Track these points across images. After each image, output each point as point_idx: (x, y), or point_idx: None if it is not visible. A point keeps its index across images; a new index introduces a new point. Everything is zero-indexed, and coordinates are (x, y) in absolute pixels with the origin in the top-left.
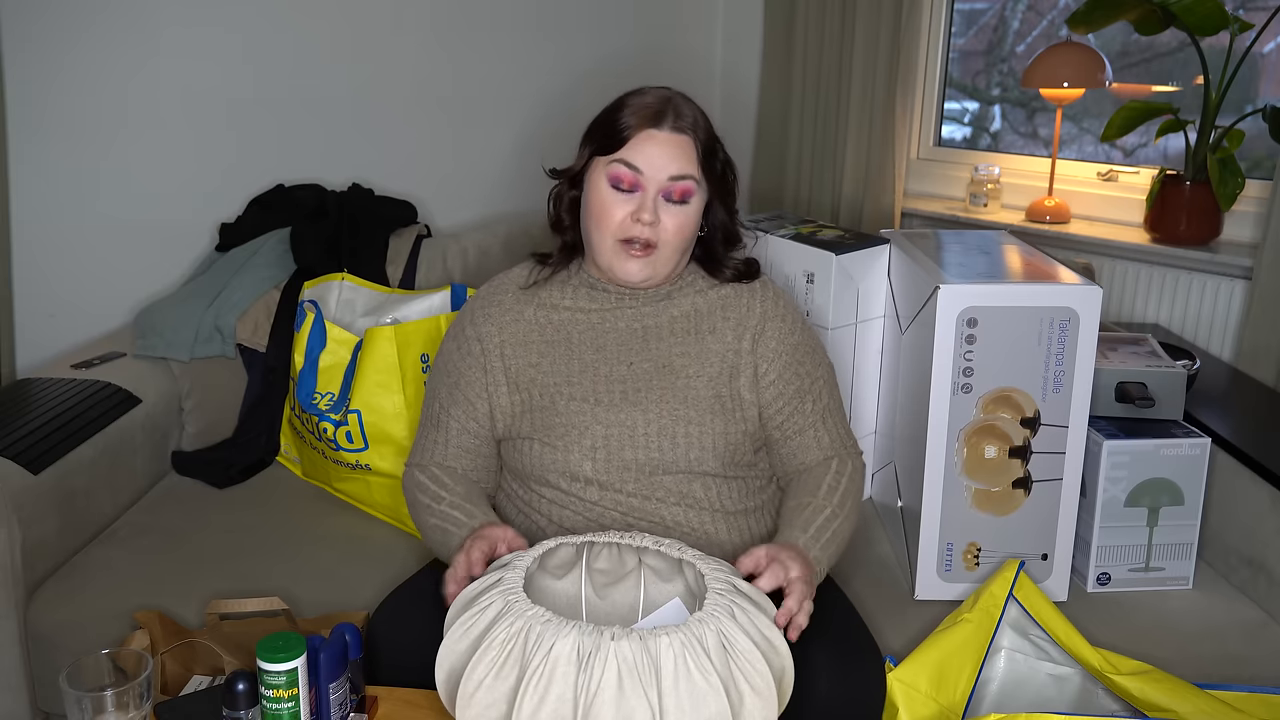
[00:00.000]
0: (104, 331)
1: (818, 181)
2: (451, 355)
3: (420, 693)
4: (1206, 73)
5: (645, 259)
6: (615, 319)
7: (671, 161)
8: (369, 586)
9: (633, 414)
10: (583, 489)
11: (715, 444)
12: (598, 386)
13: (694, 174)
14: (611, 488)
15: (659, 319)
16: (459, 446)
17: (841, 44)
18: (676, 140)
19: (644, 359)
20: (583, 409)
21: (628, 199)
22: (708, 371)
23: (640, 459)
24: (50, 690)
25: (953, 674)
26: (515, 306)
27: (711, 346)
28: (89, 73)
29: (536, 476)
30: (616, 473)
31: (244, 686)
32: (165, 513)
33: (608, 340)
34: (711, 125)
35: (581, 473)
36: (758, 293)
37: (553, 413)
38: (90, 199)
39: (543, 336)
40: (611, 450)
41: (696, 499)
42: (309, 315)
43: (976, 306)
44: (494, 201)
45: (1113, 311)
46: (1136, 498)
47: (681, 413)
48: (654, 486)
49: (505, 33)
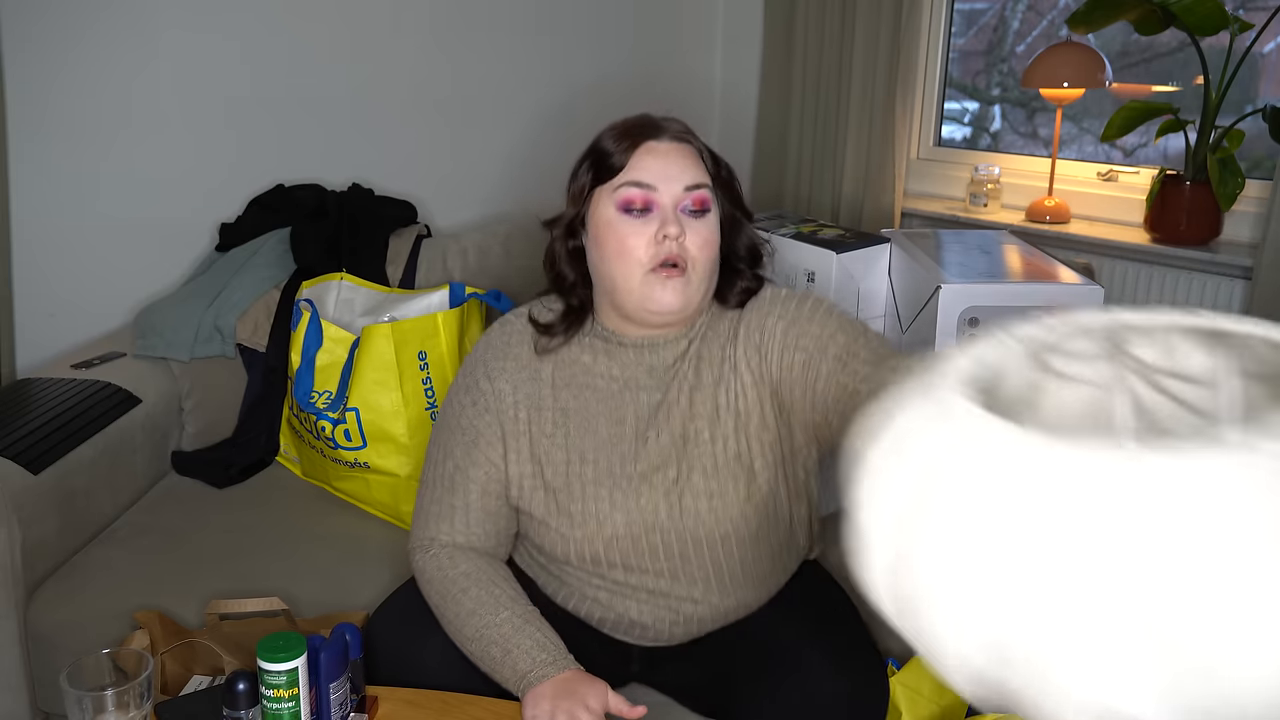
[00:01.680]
0: (104, 331)
1: (818, 181)
2: (465, 410)
3: (421, 693)
4: (1206, 73)
5: (679, 281)
6: (635, 388)
7: (683, 171)
8: (369, 586)
9: (654, 497)
10: (606, 569)
11: (743, 510)
12: (613, 467)
13: (707, 181)
14: (638, 569)
15: (682, 384)
16: (482, 511)
17: (841, 44)
18: (679, 149)
19: (663, 431)
20: (600, 494)
21: (644, 223)
22: (722, 432)
23: (666, 540)
24: (50, 690)
25: None
26: (531, 363)
27: (722, 399)
28: (89, 72)
29: (557, 558)
30: (645, 556)
31: (244, 686)
32: (165, 513)
33: (626, 413)
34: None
35: (606, 558)
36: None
37: (568, 497)
38: (90, 199)
39: (558, 403)
40: (635, 537)
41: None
42: (305, 314)
43: (978, 306)
44: (494, 201)
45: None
46: None
47: (703, 486)
48: (679, 567)
49: (505, 33)
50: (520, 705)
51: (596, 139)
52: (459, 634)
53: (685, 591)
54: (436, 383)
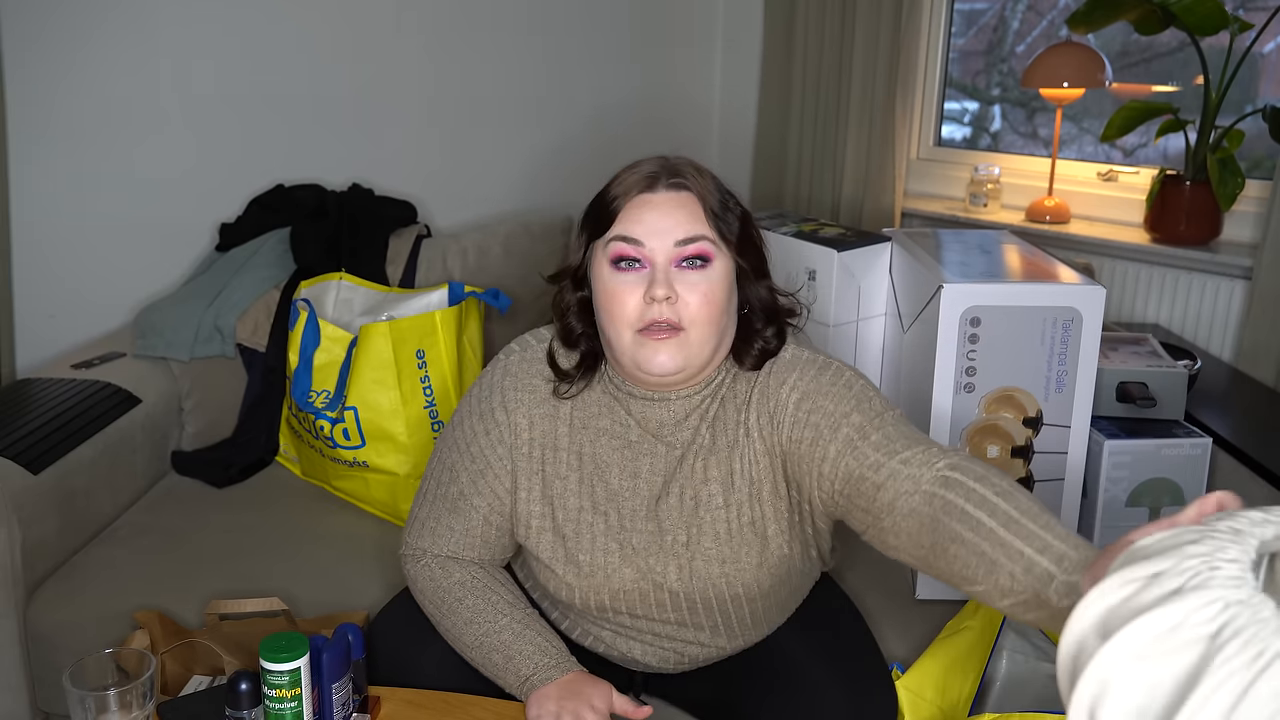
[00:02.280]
0: (104, 331)
1: (818, 181)
2: (478, 437)
3: (423, 693)
4: (1206, 73)
5: (673, 341)
6: (651, 442)
7: (676, 224)
8: (369, 586)
9: (664, 560)
10: (612, 615)
11: (756, 575)
12: (624, 522)
13: (705, 234)
14: (645, 616)
15: (698, 444)
16: (481, 539)
17: (841, 44)
18: (676, 199)
19: (675, 492)
20: (610, 547)
21: (637, 279)
22: (736, 499)
23: (675, 598)
24: (50, 690)
25: (956, 681)
26: (550, 399)
27: (736, 465)
28: (90, 73)
29: (561, 601)
30: (652, 608)
31: (247, 686)
32: (165, 513)
33: (641, 466)
34: (721, 183)
35: (612, 606)
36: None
37: (577, 545)
38: (90, 199)
39: (574, 445)
40: (643, 592)
41: (741, 617)
42: (302, 314)
43: (979, 306)
44: (494, 201)
45: (1113, 311)
46: (1138, 497)
47: (715, 551)
48: (692, 612)
49: (505, 34)
50: (524, 706)
51: (612, 179)
52: (458, 642)
53: (692, 636)
54: (435, 381)
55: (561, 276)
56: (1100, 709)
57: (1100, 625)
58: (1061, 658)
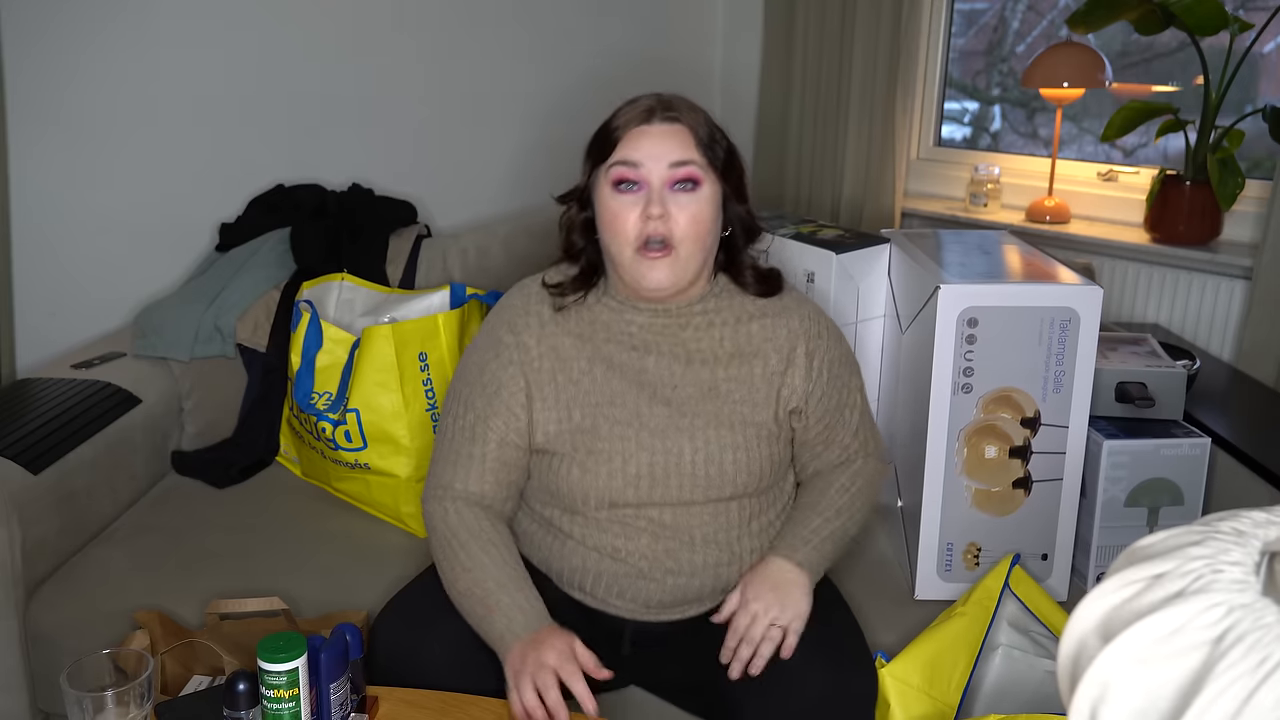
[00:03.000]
0: (104, 331)
1: (818, 181)
2: (488, 363)
3: (421, 693)
4: (1206, 73)
5: (665, 260)
6: (658, 340)
7: (669, 150)
8: (369, 586)
9: (679, 440)
10: (618, 512)
11: (762, 468)
12: (641, 409)
13: (695, 159)
14: (648, 514)
15: (701, 343)
16: (499, 461)
17: (841, 44)
18: (669, 130)
19: (688, 382)
20: (627, 434)
21: (635, 199)
22: (754, 397)
23: (685, 486)
24: (50, 690)
25: (946, 668)
26: (553, 319)
27: (757, 371)
28: (89, 72)
29: (568, 501)
30: (657, 504)
31: (245, 687)
32: (165, 513)
33: (649, 362)
34: (711, 118)
35: (623, 499)
36: (794, 310)
37: (595, 436)
38: (90, 199)
39: (582, 353)
40: (656, 478)
41: (730, 517)
42: (304, 315)
43: (977, 306)
44: (494, 201)
45: (1113, 311)
46: (1136, 498)
47: (729, 439)
48: (691, 512)
49: (506, 33)
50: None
51: (612, 113)
52: (452, 588)
53: (685, 527)
54: (437, 384)
55: (570, 196)
56: (1101, 711)
57: (1101, 627)
58: (1062, 659)
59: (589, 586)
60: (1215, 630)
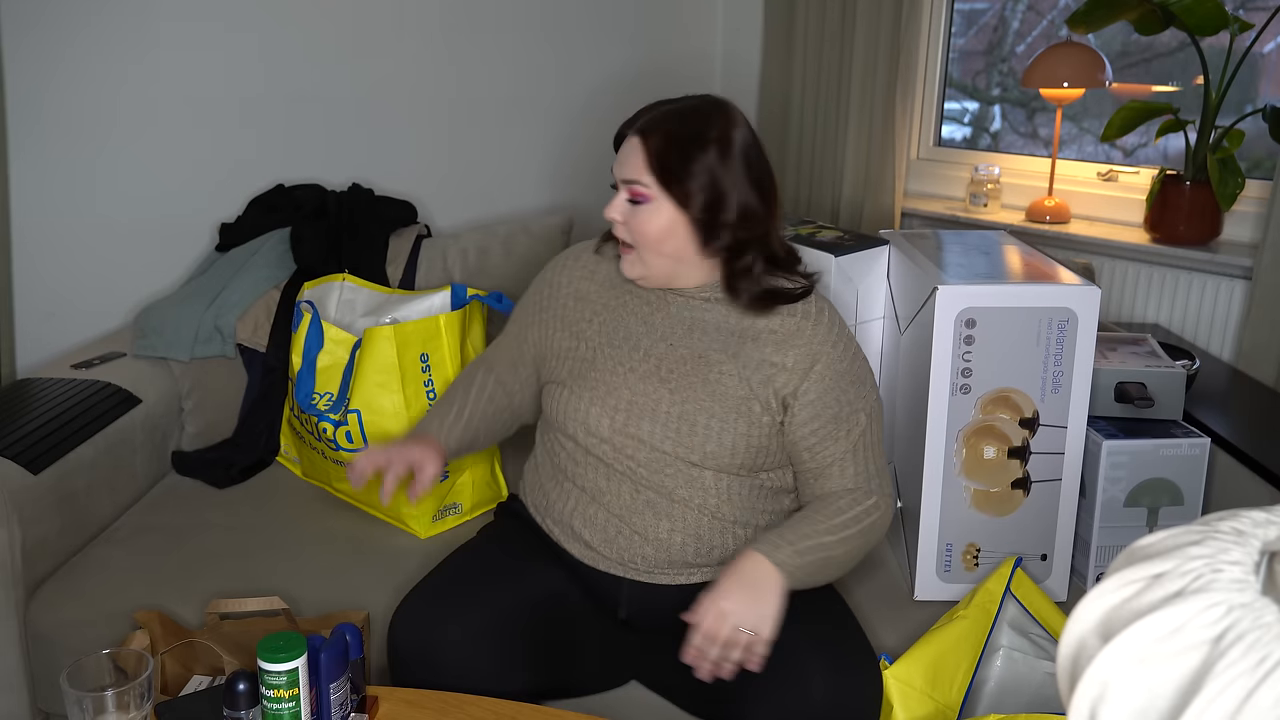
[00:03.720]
0: (104, 331)
1: (818, 181)
2: (529, 296)
3: (421, 693)
4: (1206, 73)
5: (630, 255)
6: (668, 304)
7: (624, 168)
8: (369, 586)
9: (660, 390)
10: (597, 445)
11: (735, 444)
12: (635, 355)
13: (641, 179)
14: (625, 452)
15: (706, 316)
16: (512, 357)
17: (841, 44)
18: (630, 144)
19: (684, 346)
20: (617, 371)
21: (616, 198)
22: (741, 373)
23: (657, 435)
24: (50, 690)
25: (948, 670)
26: (591, 263)
27: (752, 353)
28: (89, 72)
29: (559, 424)
30: (631, 441)
31: (244, 686)
32: (165, 513)
33: (656, 319)
34: (688, 136)
35: (599, 429)
36: (812, 316)
37: (590, 365)
38: (90, 199)
39: (601, 299)
40: (631, 416)
41: (706, 485)
42: (305, 316)
43: (975, 307)
44: (494, 201)
45: (1113, 311)
46: (1136, 498)
47: (706, 405)
48: (664, 464)
49: (506, 33)
50: (521, 705)
51: None
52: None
53: (663, 486)
54: (438, 385)
55: None
56: (1100, 711)
57: (1101, 626)
58: (1061, 658)
59: (578, 528)
60: (1215, 630)
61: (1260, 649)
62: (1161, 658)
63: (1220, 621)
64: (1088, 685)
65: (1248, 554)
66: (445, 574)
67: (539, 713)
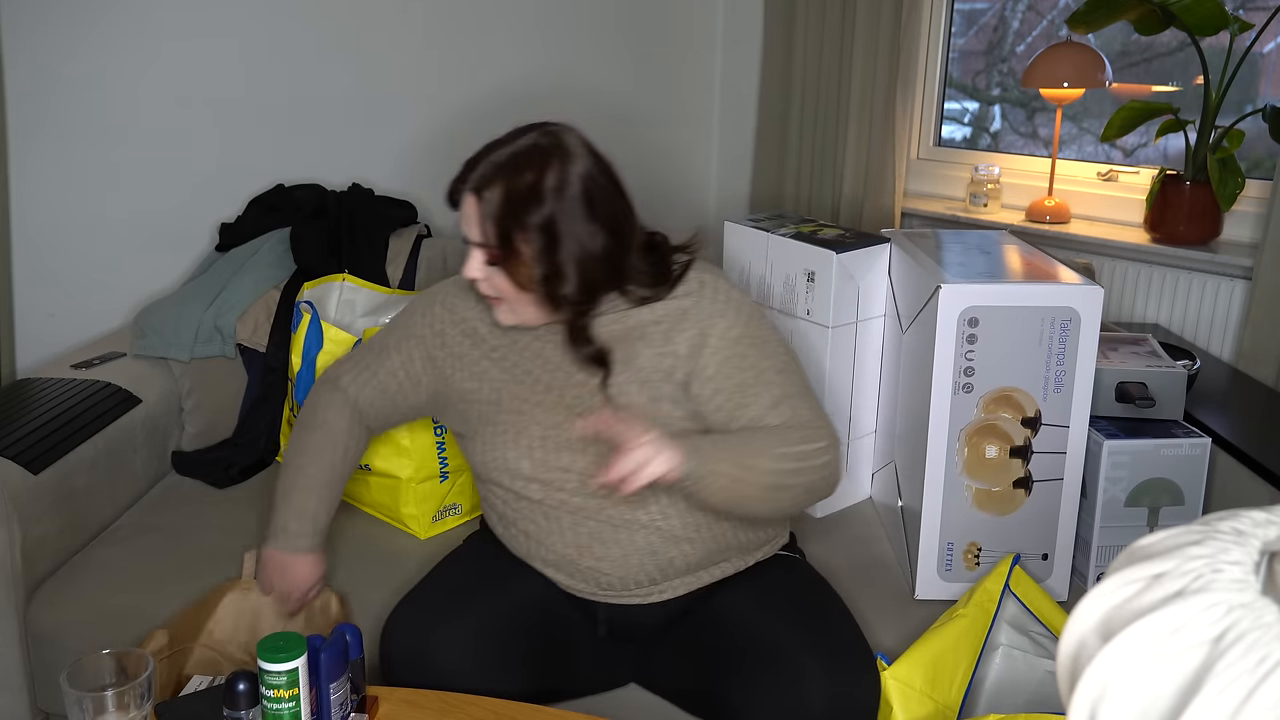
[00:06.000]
0: (104, 331)
1: (818, 181)
2: (416, 313)
3: (421, 693)
4: (1206, 73)
5: (500, 307)
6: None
7: (467, 226)
8: (369, 587)
9: (568, 419)
10: (525, 486)
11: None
12: (536, 389)
13: (483, 240)
14: (554, 486)
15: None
16: (381, 387)
17: (841, 44)
18: (469, 202)
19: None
20: (523, 409)
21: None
22: (639, 378)
23: (579, 463)
24: (50, 690)
25: (948, 670)
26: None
27: (644, 352)
28: (89, 73)
29: (484, 474)
30: (558, 474)
31: (245, 686)
32: (165, 513)
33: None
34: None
35: (521, 469)
36: (694, 293)
37: (497, 408)
38: (90, 199)
39: (493, 339)
40: (548, 449)
41: (644, 503)
42: (305, 316)
43: (977, 306)
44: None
45: (1113, 311)
46: (1137, 498)
47: (634, 391)
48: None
49: (506, 33)
50: (522, 705)
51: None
52: (284, 465)
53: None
54: None
55: None
56: (1100, 711)
57: (1101, 626)
58: (1061, 658)
59: (539, 567)
60: (1215, 629)
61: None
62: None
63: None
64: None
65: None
66: (435, 581)
67: (539, 713)
